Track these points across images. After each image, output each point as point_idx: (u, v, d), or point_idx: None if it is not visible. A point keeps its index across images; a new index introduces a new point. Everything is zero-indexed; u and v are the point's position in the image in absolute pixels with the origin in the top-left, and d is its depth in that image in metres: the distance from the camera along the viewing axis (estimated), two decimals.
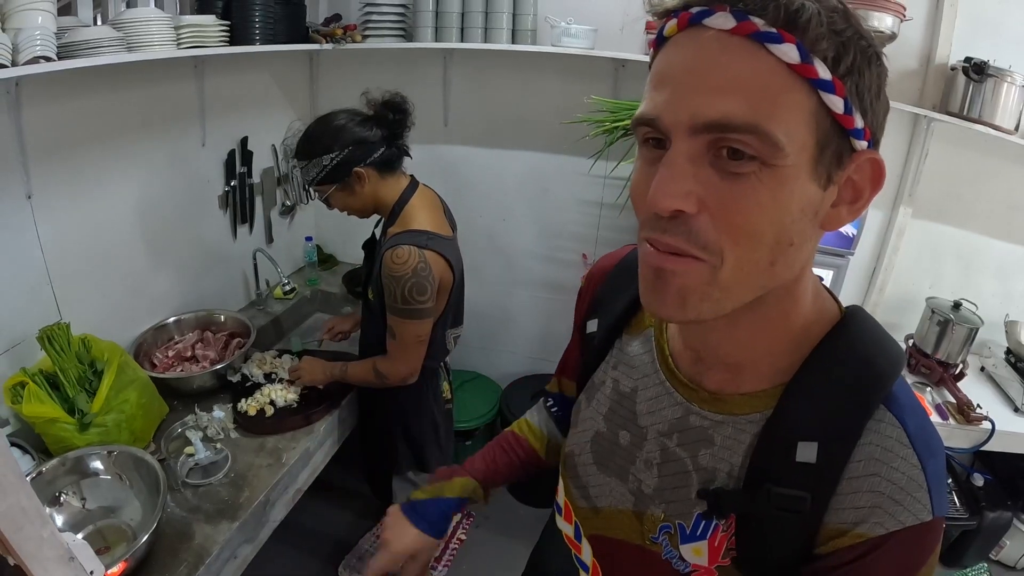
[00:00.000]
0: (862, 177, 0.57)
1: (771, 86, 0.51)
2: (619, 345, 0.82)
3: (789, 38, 0.50)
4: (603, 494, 0.79)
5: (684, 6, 0.54)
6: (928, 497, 0.57)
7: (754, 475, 0.63)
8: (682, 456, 0.70)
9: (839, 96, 0.51)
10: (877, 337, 0.65)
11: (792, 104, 0.51)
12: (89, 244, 1.86)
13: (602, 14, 2.30)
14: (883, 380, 0.61)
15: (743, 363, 0.66)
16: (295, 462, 1.77)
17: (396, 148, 1.77)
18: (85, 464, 1.51)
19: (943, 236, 2.33)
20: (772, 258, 0.55)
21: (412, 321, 1.71)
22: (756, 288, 0.58)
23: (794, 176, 0.52)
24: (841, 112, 0.52)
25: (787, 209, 0.53)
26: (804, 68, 0.51)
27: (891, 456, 0.58)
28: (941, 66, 2.06)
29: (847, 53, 0.52)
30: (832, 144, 0.53)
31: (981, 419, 2.01)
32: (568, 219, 2.73)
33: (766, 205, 0.52)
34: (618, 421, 0.78)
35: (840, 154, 0.54)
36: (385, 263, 1.65)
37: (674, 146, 0.53)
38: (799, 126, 0.51)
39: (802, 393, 0.62)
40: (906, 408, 0.61)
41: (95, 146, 1.83)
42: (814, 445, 0.59)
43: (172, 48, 1.76)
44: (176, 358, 2.08)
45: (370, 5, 2.34)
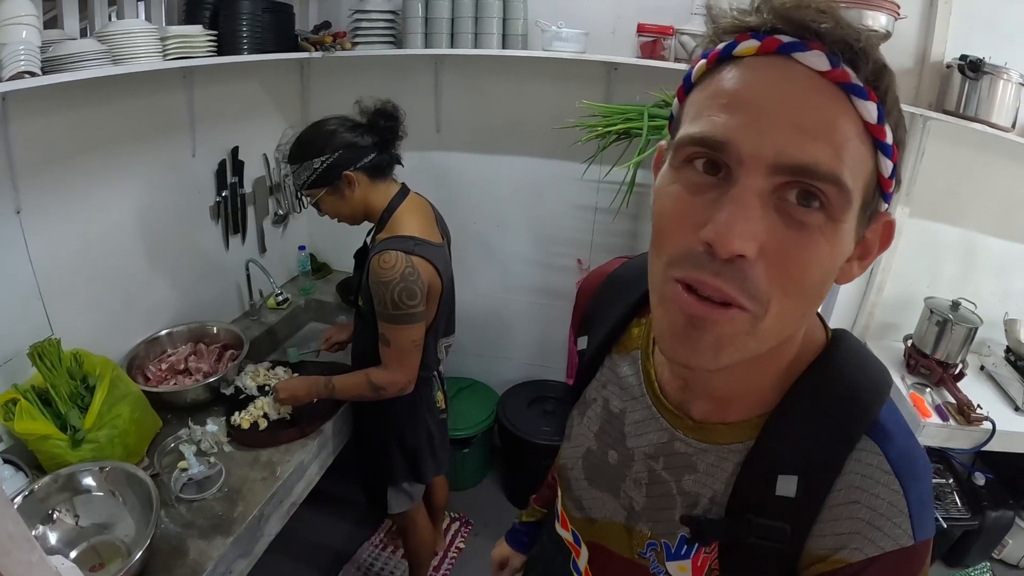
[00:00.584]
0: (874, 235, 0.57)
1: (852, 140, 0.50)
2: (609, 364, 0.83)
3: (873, 97, 0.49)
4: (596, 507, 0.80)
5: (771, 30, 0.51)
6: (909, 522, 0.57)
7: (736, 505, 0.63)
8: (667, 479, 0.70)
9: (892, 162, 0.52)
10: (861, 363, 0.65)
11: (861, 161, 0.51)
12: (80, 258, 1.85)
13: (593, 17, 2.29)
14: (866, 411, 0.61)
15: (731, 396, 0.66)
16: (290, 475, 1.76)
17: (387, 155, 1.77)
18: (77, 481, 1.51)
19: (941, 235, 2.31)
20: (809, 309, 0.56)
21: (405, 326, 1.69)
22: (784, 337, 0.57)
23: (848, 232, 0.52)
24: (888, 176, 0.53)
25: (836, 264, 0.53)
26: (878, 129, 0.50)
27: (871, 483, 0.58)
28: (937, 64, 2.04)
29: (902, 123, 0.53)
30: (871, 205, 0.54)
31: (982, 419, 1.99)
32: (563, 224, 2.72)
33: (824, 259, 0.51)
34: (608, 440, 0.79)
35: (872, 214, 0.55)
36: (372, 269, 1.65)
37: (744, 182, 0.50)
38: (860, 184, 0.51)
39: (784, 425, 0.62)
40: (890, 434, 0.60)
41: (84, 159, 1.81)
42: (794, 479, 0.60)
43: (158, 60, 1.75)
44: (169, 371, 2.07)
45: (359, 12, 2.33)
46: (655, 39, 2.16)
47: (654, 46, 2.16)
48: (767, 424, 0.63)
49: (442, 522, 2.62)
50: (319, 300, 2.77)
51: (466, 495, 2.88)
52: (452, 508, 2.74)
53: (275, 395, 1.91)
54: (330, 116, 1.75)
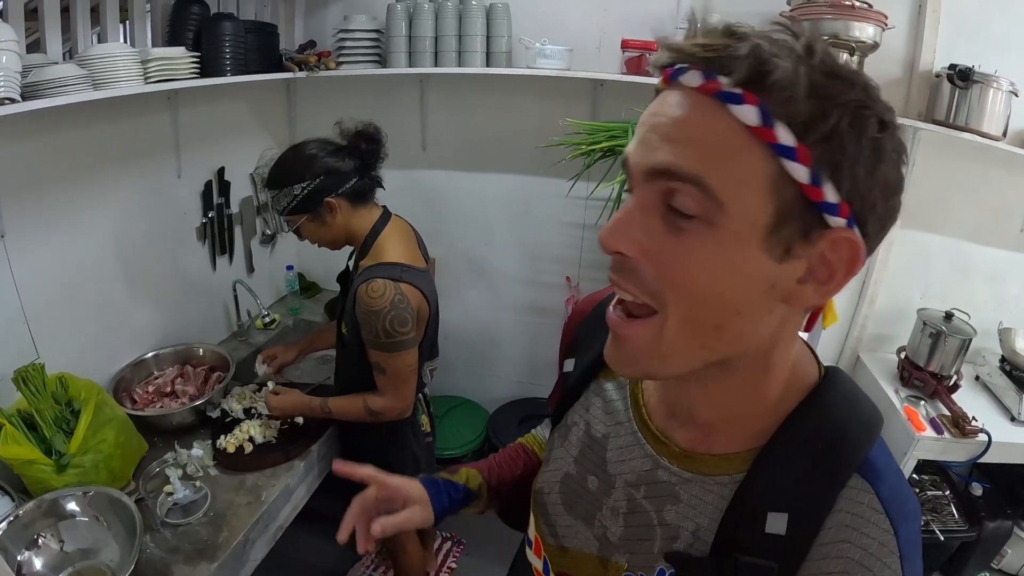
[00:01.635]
0: (837, 257, 0.53)
1: (726, 146, 0.50)
2: (594, 388, 0.82)
3: (751, 99, 0.49)
4: (570, 535, 0.78)
5: (670, 63, 0.55)
6: (899, 563, 0.56)
7: (722, 542, 0.61)
8: (648, 509, 0.69)
9: (803, 165, 0.49)
10: (852, 402, 0.64)
11: (745, 167, 0.50)
12: (65, 281, 1.84)
13: (578, 34, 2.29)
14: (856, 449, 0.60)
15: (715, 425, 0.66)
16: (275, 499, 1.75)
17: (369, 179, 1.75)
18: (61, 506, 1.51)
19: (933, 245, 2.30)
20: (717, 322, 0.55)
21: (399, 353, 1.68)
22: (704, 350, 0.57)
23: (737, 241, 0.51)
24: (806, 182, 0.49)
25: (726, 274, 0.53)
26: (763, 131, 0.49)
27: (862, 522, 0.57)
28: (925, 73, 2.04)
29: (826, 118, 0.49)
30: (797, 216, 0.51)
31: (977, 431, 1.97)
32: (551, 241, 2.72)
33: (703, 265, 0.52)
34: (587, 465, 0.77)
35: (808, 228, 0.52)
36: (360, 298, 1.62)
37: (634, 192, 0.56)
38: (751, 190, 0.50)
39: (774, 461, 0.61)
40: (880, 473, 0.60)
41: (69, 182, 1.82)
42: (784, 516, 0.58)
43: (140, 83, 1.75)
44: (156, 394, 2.06)
45: (343, 32, 2.34)
46: (640, 55, 2.16)
47: (639, 62, 2.16)
48: (758, 459, 0.62)
49: (433, 542, 2.59)
50: (307, 320, 2.76)
51: (457, 515, 2.83)
52: (443, 528, 2.72)
53: (266, 402, 1.89)
54: (310, 139, 1.72)
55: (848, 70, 0.50)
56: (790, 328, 0.60)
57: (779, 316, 0.57)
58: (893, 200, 0.54)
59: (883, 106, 0.52)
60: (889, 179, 0.52)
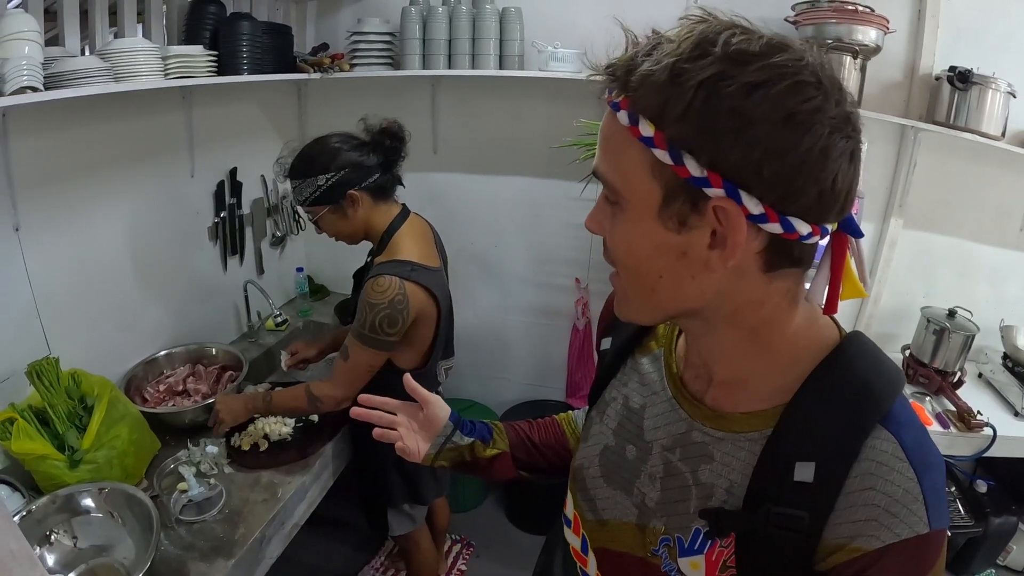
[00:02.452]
0: (726, 224, 0.58)
1: (619, 144, 0.60)
2: (631, 364, 0.86)
3: (624, 104, 0.58)
4: (609, 507, 0.81)
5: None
6: (924, 510, 0.58)
7: (753, 494, 0.64)
8: (683, 471, 0.72)
9: (661, 148, 0.56)
10: (874, 360, 0.67)
11: (630, 158, 0.59)
12: (78, 277, 1.84)
13: (588, 37, 2.32)
14: (879, 401, 0.62)
15: (734, 382, 0.70)
16: (291, 497, 1.74)
17: (391, 175, 1.77)
18: (76, 502, 1.49)
19: (935, 245, 2.34)
20: (649, 284, 0.64)
21: (371, 350, 1.69)
22: (652, 306, 0.67)
23: (637, 218, 0.61)
24: (670, 163, 0.57)
25: (635, 244, 0.63)
26: (632, 129, 0.58)
27: (886, 470, 0.59)
28: (925, 76, 2.09)
29: (679, 100, 0.55)
30: (680, 192, 0.58)
31: (982, 426, 2.00)
32: (560, 244, 2.73)
33: (619, 239, 0.64)
34: (626, 436, 0.81)
35: (695, 201, 0.58)
36: (366, 290, 1.65)
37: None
38: (639, 176, 0.59)
39: (800, 414, 0.64)
40: (903, 424, 0.62)
41: (83, 177, 1.81)
42: (811, 465, 0.61)
43: (159, 78, 1.76)
44: (168, 392, 2.05)
45: (357, 34, 2.36)
46: None
47: None
48: (784, 414, 0.65)
49: (443, 545, 2.58)
50: (317, 322, 2.76)
51: (467, 517, 2.85)
52: (453, 530, 2.71)
53: (215, 415, 1.84)
54: (334, 133, 1.74)
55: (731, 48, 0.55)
56: (752, 293, 0.63)
57: (716, 281, 0.62)
58: (790, 160, 0.55)
59: (757, 70, 0.54)
60: (772, 141, 0.54)
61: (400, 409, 1.05)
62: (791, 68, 0.55)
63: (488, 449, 1.04)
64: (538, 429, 1.10)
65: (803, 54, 0.56)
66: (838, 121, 0.56)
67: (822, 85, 0.56)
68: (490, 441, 1.05)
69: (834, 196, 0.58)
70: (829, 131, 0.55)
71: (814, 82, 0.55)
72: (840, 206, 0.60)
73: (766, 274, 0.62)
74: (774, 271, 0.62)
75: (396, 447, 1.02)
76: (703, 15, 0.59)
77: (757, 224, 0.57)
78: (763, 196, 0.56)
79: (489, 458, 1.04)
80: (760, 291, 0.63)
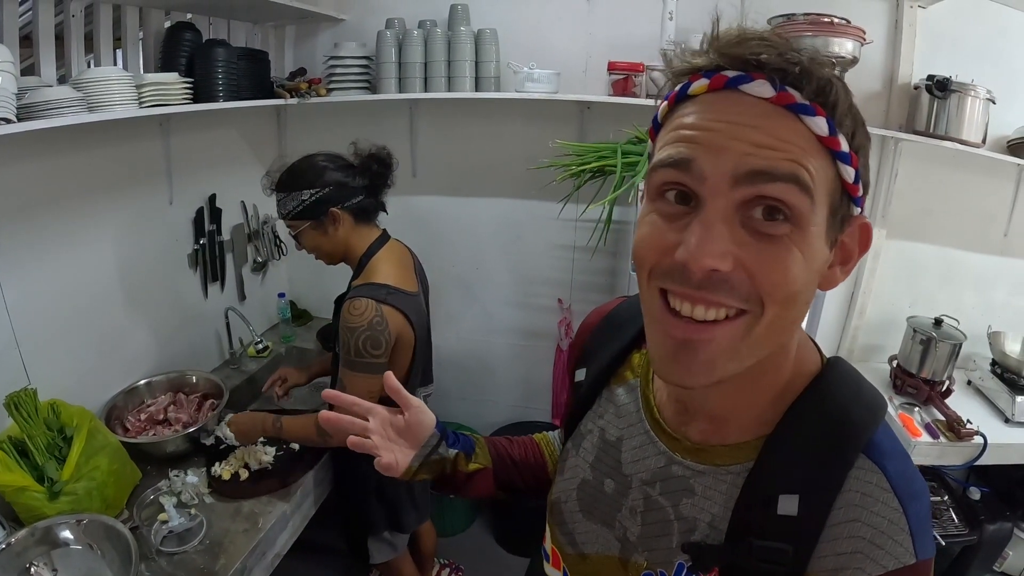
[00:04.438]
0: (852, 240, 0.61)
1: (807, 151, 0.54)
2: (606, 395, 0.84)
3: (821, 112, 0.54)
4: (590, 541, 0.79)
5: (717, 68, 0.56)
6: (911, 540, 0.57)
7: (736, 528, 0.63)
8: (664, 505, 0.70)
9: (853, 168, 0.56)
10: (855, 387, 0.67)
11: (819, 170, 0.54)
12: (57, 306, 1.82)
13: (565, 57, 2.34)
14: (861, 430, 0.62)
15: (728, 416, 0.68)
16: (272, 526, 1.71)
17: (374, 200, 1.79)
18: (55, 534, 1.48)
19: (919, 254, 2.34)
20: (798, 315, 0.59)
21: (362, 375, 1.66)
22: (777, 345, 0.60)
23: (817, 237, 0.56)
24: (852, 182, 0.57)
25: (813, 269, 0.56)
26: (831, 140, 0.54)
27: (871, 501, 0.59)
28: (904, 86, 2.10)
29: (859, 129, 0.57)
30: (841, 210, 0.58)
31: (972, 434, 1.98)
32: (542, 264, 2.73)
33: (800, 266, 0.55)
34: (603, 469, 0.79)
35: (844, 219, 0.59)
36: (342, 314, 1.64)
37: (710, 204, 0.54)
38: (822, 191, 0.55)
39: (783, 446, 0.63)
40: (887, 453, 0.61)
41: (61, 206, 1.81)
42: (795, 498, 0.60)
43: (134, 107, 1.75)
44: (148, 421, 2.02)
45: (334, 59, 2.36)
46: (626, 76, 2.20)
47: (625, 83, 2.21)
48: (766, 445, 0.64)
49: (431, 570, 2.53)
50: (300, 348, 2.74)
51: (455, 540, 2.82)
52: (441, 554, 2.67)
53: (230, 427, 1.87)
54: (323, 152, 1.77)
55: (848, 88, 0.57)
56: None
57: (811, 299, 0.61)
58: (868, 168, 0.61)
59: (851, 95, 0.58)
60: (867, 170, 0.60)
61: (372, 414, 0.93)
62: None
63: (470, 463, 0.96)
64: (518, 447, 1.06)
65: None
66: None
67: None
68: (472, 455, 0.97)
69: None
70: None
71: None
72: None
73: None
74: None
75: (377, 464, 0.89)
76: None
77: None
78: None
79: (470, 473, 0.96)
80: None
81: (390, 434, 0.93)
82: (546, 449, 1.08)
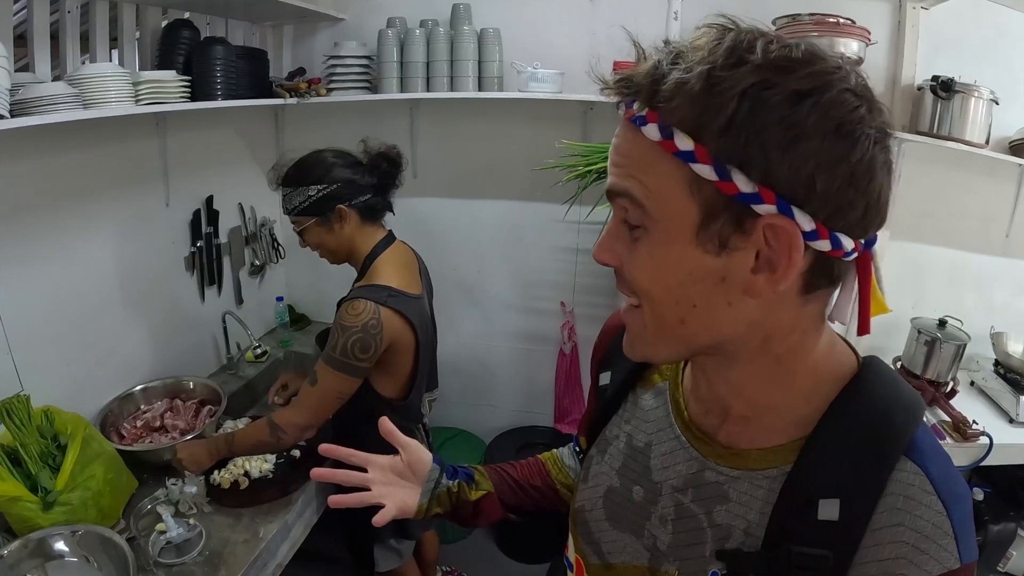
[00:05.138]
0: (777, 244, 0.54)
1: (645, 161, 0.56)
2: (632, 399, 0.82)
3: (652, 117, 0.54)
4: (617, 550, 0.77)
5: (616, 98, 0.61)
6: (955, 544, 0.56)
7: (773, 534, 0.61)
8: (697, 512, 0.68)
9: (704, 164, 0.52)
10: (894, 387, 0.64)
11: (662, 175, 0.55)
12: (50, 310, 1.78)
13: (568, 57, 2.32)
14: (902, 432, 0.60)
15: (748, 417, 0.66)
16: (273, 536, 1.68)
17: (382, 199, 1.78)
18: (49, 546, 1.45)
19: (922, 255, 2.35)
20: (679, 316, 0.59)
21: (341, 375, 1.63)
22: (678, 340, 0.61)
23: (668, 241, 0.56)
24: (715, 179, 0.52)
25: (667, 271, 0.57)
26: (665, 144, 0.54)
27: (914, 504, 0.57)
28: (908, 87, 2.11)
29: (720, 111, 0.51)
30: (722, 210, 0.54)
31: (978, 435, 1.99)
32: (544, 267, 2.71)
33: (647, 265, 0.58)
34: (631, 476, 0.77)
35: (740, 219, 0.54)
36: (340, 312, 1.62)
37: (612, 212, 0.62)
38: (673, 194, 0.55)
39: (821, 449, 0.61)
40: (928, 455, 0.59)
41: (55, 208, 1.77)
42: (836, 502, 0.58)
43: (130, 104, 1.72)
44: (145, 428, 1.98)
45: (334, 58, 2.34)
46: None
47: None
48: (805, 448, 0.62)
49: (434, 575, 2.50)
50: (298, 352, 2.71)
51: (457, 547, 2.79)
52: (443, 562, 2.64)
53: (176, 463, 1.74)
54: (332, 148, 1.75)
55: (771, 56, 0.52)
56: (785, 318, 0.60)
57: (753, 307, 0.58)
58: (840, 172, 0.52)
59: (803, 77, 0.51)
60: (825, 153, 0.52)
61: (370, 464, 0.95)
62: (835, 76, 0.52)
63: (473, 491, 0.98)
64: (519, 469, 1.06)
65: (839, 62, 0.54)
66: (879, 132, 0.54)
67: (862, 94, 0.53)
68: (473, 484, 0.99)
69: (878, 209, 0.56)
70: (874, 141, 0.53)
71: (856, 90, 0.53)
72: (881, 219, 0.57)
73: (801, 297, 0.59)
74: (811, 292, 0.59)
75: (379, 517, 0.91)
76: (726, 22, 0.56)
77: (807, 242, 0.54)
78: (816, 212, 0.53)
79: (475, 501, 0.97)
80: (793, 316, 0.60)
81: (391, 479, 0.96)
82: (552, 467, 1.07)
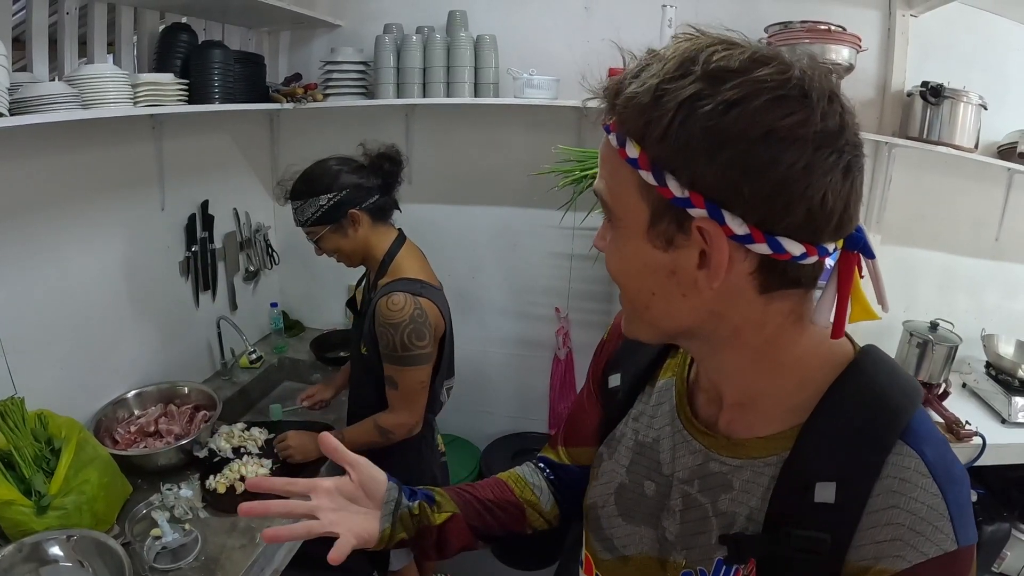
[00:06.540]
0: (710, 244, 0.57)
1: (612, 165, 0.61)
2: (642, 398, 0.83)
3: (613, 126, 0.60)
4: (631, 543, 0.78)
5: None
6: (951, 526, 0.57)
7: (773, 518, 0.63)
8: (703, 502, 0.70)
9: (645, 170, 0.57)
10: (891, 373, 0.66)
11: (623, 179, 0.60)
12: (45, 313, 1.77)
13: (564, 64, 2.34)
14: (898, 416, 0.61)
15: (745, 403, 0.68)
16: None
17: (390, 198, 1.83)
18: (43, 550, 1.42)
19: (913, 259, 2.38)
20: (644, 302, 0.64)
21: (413, 368, 1.70)
22: (649, 324, 0.66)
23: (628, 236, 0.62)
24: (654, 183, 0.57)
25: (627, 262, 0.63)
26: (620, 152, 0.59)
27: (910, 487, 0.58)
28: (897, 92, 2.15)
29: (658, 122, 0.55)
30: (666, 212, 0.58)
31: (972, 435, 2.01)
32: (539, 273, 2.72)
33: (615, 256, 0.65)
34: (642, 472, 0.79)
35: (681, 221, 0.57)
36: (380, 311, 1.66)
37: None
38: (631, 196, 0.60)
39: (818, 434, 0.63)
40: (924, 438, 0.60)
41: (50, 209, 1.75)
42: (832, 485, 0.60)
43: (128, 106, 1.72)
44: (139, 433, 1.95)
45: (331, 64, 2.35)
46: None
47: None
48: (801, 433, 0.63)
49: None
50: (293, 358, 2.69)
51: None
52: (439, 568, 2.61)
53: (286, 452, 1.88)
54: (334, 156, 1.79)
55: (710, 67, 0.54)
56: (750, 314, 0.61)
57: (709, 299, 0.60)
58: (770, 177, 0.53)
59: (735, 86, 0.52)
60: (750, 158, 0.53)
61: (313, 490, 0.82)
62: (771, 83, 0.52)
63: (436, 514, 0.87)
64: (480, 488, 0.96)
65: (789, 67, 0.54)
66: (825, 136, 0.53)
67: (808, 98, 0.53)
68: (435, 505, 0.87)
69: (825, 214, 0.55)
70: (815, 147, 0.53)
71: (798, 96, 0.53)
72: (835, 224, 0.56)
73: (762, 295, 0.60)
74: (770, 292, 0.60)
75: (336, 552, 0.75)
76: (693, 32, 0.58)
77: (744, 245, 0.55)
78: (746, 215, 0.54)
79: (440, 525, 0.86)
80: (758, 312, 0.61)
81: (340, 504, 0.83)
82: (515, 486, 0.98)
